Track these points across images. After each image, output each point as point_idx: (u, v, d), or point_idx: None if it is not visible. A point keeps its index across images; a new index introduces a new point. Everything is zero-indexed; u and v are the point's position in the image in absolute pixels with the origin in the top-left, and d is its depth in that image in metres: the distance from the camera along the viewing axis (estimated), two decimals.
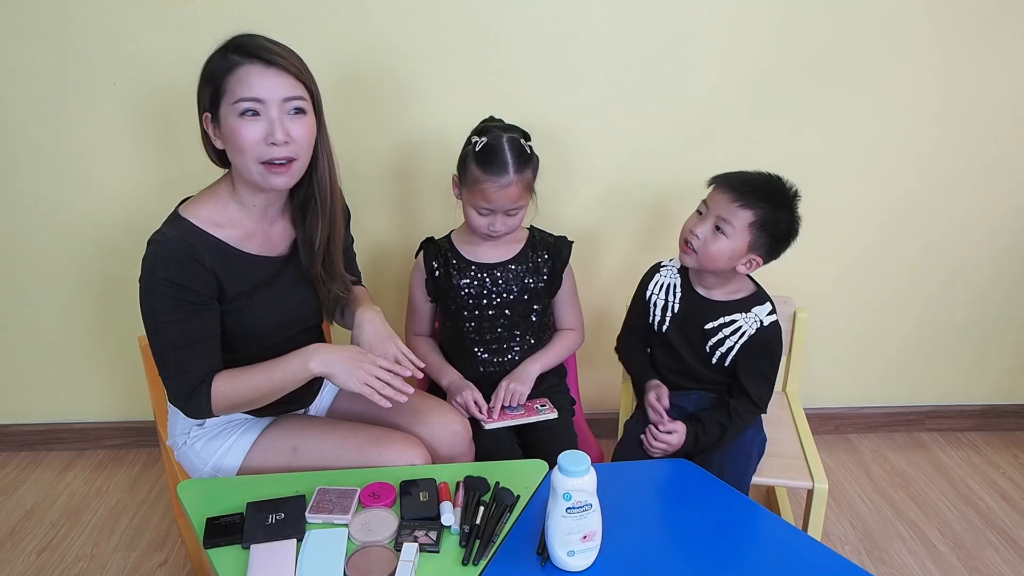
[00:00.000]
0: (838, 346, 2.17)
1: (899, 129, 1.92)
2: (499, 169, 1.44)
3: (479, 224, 1.50)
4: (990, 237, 2.06)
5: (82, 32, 1.74)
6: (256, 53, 1.19)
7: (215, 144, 1.26)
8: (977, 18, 1.81)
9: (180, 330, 1.22)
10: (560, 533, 1.05)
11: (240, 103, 1.18)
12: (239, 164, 1.23)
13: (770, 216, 1.40)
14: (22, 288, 2.00)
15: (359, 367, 1.25)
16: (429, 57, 1.80)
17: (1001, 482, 2.07)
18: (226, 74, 1.19)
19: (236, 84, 1.18)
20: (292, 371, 1.27)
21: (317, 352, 1.27)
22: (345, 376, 1.25)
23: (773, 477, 1.55)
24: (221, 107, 1.20)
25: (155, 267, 1.20)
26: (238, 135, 1.19)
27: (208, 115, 1.23)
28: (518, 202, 1.48)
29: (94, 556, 1.78)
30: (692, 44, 1.82)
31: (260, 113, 1.19)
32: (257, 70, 1.18)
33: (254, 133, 1.19)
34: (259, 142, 1.19)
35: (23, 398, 2.14)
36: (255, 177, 1.23)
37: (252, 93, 1.18)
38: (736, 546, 1.15)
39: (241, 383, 1.27)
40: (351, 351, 1.29)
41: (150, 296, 1.21)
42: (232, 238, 1.28)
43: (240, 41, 1.21)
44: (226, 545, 1.11)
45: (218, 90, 1.20)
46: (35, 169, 1.87)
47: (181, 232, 1.23)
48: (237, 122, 1.19)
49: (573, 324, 1.70)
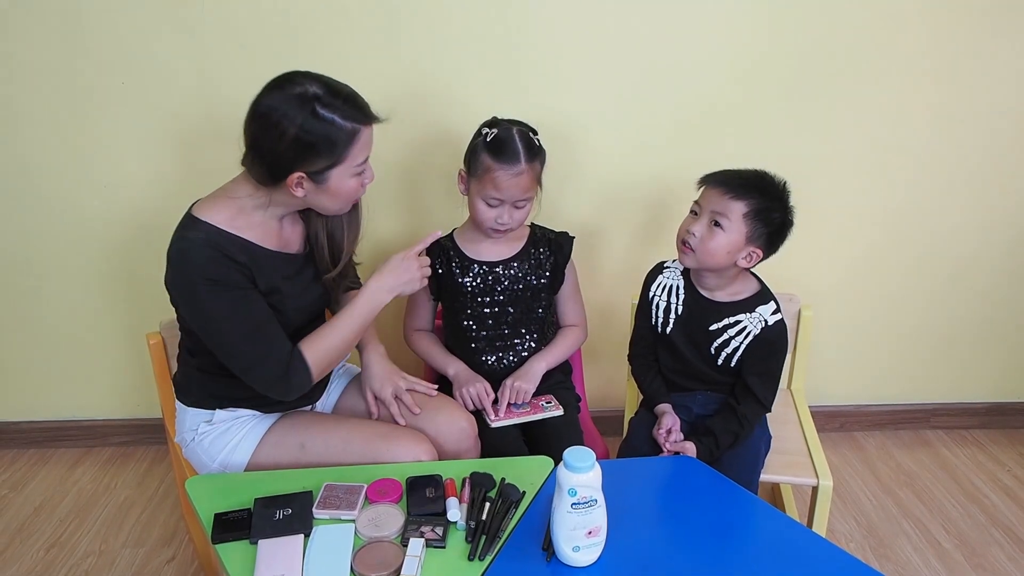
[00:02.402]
0: (843, 343, 2.17)
1: (902, 127, 1.92)
2: (511, 157, 1.45)
3: (487, 217, 1.51)
4: (995, 233, 2.06)
5: (91, 31, 1.75)
6: (368, 113, 1.25)
7: (294, 192, 1.25)
8: (979, 16, 1.81)
9: (243, 319, 1.24)
10: (565, 528, 1.05)
11: (360, 166, 1.27)
12: (327, 207, 1.30)
13: (763, 205, 1.42)
14: (31, 286, 2.01)
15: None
16: (437, 57, 1.80)
17: (1006, 480, 2.07)
18: (351, 142, 1.22)
19: (360, 151, 1.25)
20: (368, 311, 1.36)
21: (380, 284, 1.35)
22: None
23: (778, 474, 1.55)
24: (334, 170, 1.24)
25: (190, 274, 1.22)
26: (352, 192, 1.29)
27: (303, 175, 1.22)
28: (527, 192, 1.48)
29: (102, 552, 1.80)
30: (695, 42, 1.82)
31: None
32: (369, 131, 1.26)
33: (359, 186, 1.30)
34: (358, 190, 1.31)
35: (32, 395, 2.16)
36: (337, 210, 1.32)
37: (367, 153, 1.27)
38: (741, 542, 1.15)
39: (328, 340, 1.33)
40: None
41: (198, 303, 1.23)
42: (254, 237, 1.29)
43: (358, 103, 1.24)
44: (234, 540, 1.12)
45: (340, 158, 1.23)
46: (44, 168, 1.88)
47: (205, 234, 1.24)
48: (353, 180, 1.27)
49: (576, 320, 1.70)
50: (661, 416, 1.51)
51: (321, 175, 1.23)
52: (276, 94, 1.20)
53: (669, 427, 1.47)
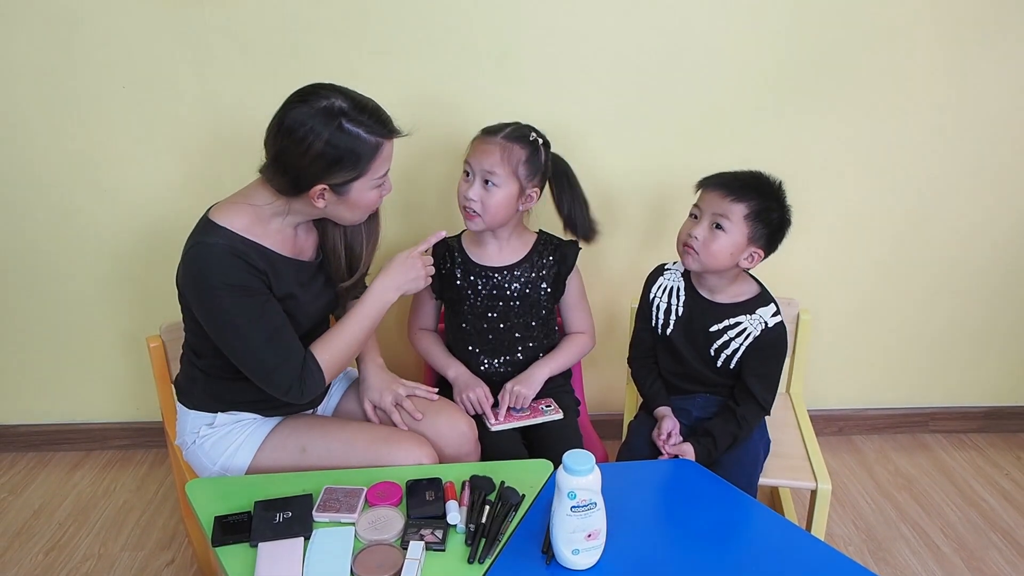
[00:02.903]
0: (842, 347, 2.17)
1: (903, 131, 1.92)
2: (492, 129, 1.51)
3: (460, 191, 1.52)
4: (995, 238, 2.06)
5: (91, 34, 1.75)
6: (391, 128, 1.28)
7: (315, 204, 1.27)
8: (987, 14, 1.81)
9: (263, 324, 1.26)
10: (565, 531, 1.06)
11: (380, 178, 1.29)
12: (345, 217, 1.32)
13: (762, 206, 1.43)
14: (30, 289, 2.01)
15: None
16: (435, 59, 1.80)
17: (1004, 484, 2.07)
18: (375, 156, 1.25)
19: (381, 164, 1.27)
20: (376, 311, 1.38)
21: (385, 283, 1.38)
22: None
23: (777, 478, 1.55)
24: (357, 183, 1.26)
25: (212, 277, 1.22)
26: (371, 204, 1.32)
27: (326, 187, 1.25)
28: (494, 168, 1.47)
29: (101, 555, 1.79)
30: (698, 44, 1.82)
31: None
32: (391, 144, 1.29)
33: (378, 198, 1.33)
34: (377, 201, 1.34)
35: (32, 399, 2.15)
36: (354, 220, 1.34)
37: (388, 166, 1.30)
38: (740, 546, 1.15)
39: (339, 342, 1.35)
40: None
41: (219, 306, 1.23)
42: (270, 244, 1.31)
43: (382, 118, 1.26)
44: (234, 543, 1.13)
45: (363, 171, 1.25)
46: (44, 171, 1.88)
47: (224, 239, 1.25)
48: (373, 192, 1.30)
49: (582, 328, 1.70)
50: (660, 420, 1.52)
51: (343, 187, 1.25)
52: (302, 108, 1.21)
53: (668, 431, 1.48)
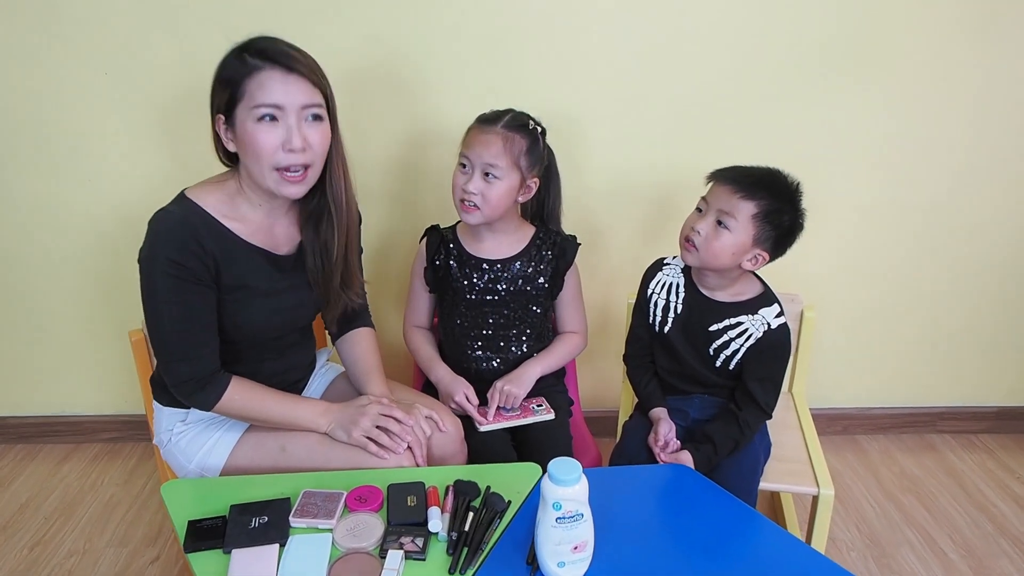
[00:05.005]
0: (847, 344, 2.12)
1: (910, 125, 1.87)
2: (490, 118, 1.46)
3: (457, 184, 1.47)
4: (1004, 235, 2.01)
5: (72, 20, 1.70)
6: (277, 58, 1.18)
7: (227, 146, 1.24)
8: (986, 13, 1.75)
9: (182, 309, 1.22)
10: (550, 543, 1.01)
11: (258, 108, 1.17)
12: (253, 170, 1.22)
13: (773, 207, 1.36)
14: (16, 281, 1.98)
15: (362, 416, 1.29)
16: (432, 49, 1.76)
17: (1016, 488, 2.01)
18: (245, 78, 1.18)
19: (256, 89, 1.17)
20: (305, 419, 1.32)
21: (330, 411, 1.32)
22: (343, 435, 1.30)
23: (778, 482, 1.50)
24: (237, 110, 1.20)
25: (156, 245, 1.20)
26: (255, 141, 1.18)
27: (222, 117, 1.22)
28: (496, 160, 1.42)
29: (86, 551, 1.77)
30: (699, 36, 1.76)
31: (278, 119, 1.18)
32: (278, 75, 1.17)
33: (272, 139, 1.18)
34: (276, 149, 1.19)
35: (20, 391, 2.13)
36: (269, 184, 1.22)
37: (272, 99, 1.17)
38: (736, 558, 1.10)
39: (256, 400, 1.30)
40: (355, 408, 1.33)
41: (151, 275, 1.20)
42: (237, 230, 1.27)
43: (261, 46, 1.19)
44: (207, 549, 1.09)
45: (235, 94, 1.19)
46: (26, 162, 1.84)
47: (184, 211, 1.23)
48: (255, 127, 1.18)
49: (576, 327, 1.65)
50: (656, 423, 1.46)
51: (231, 115, 1.20)
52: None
53: (665, 437, 1.42)
